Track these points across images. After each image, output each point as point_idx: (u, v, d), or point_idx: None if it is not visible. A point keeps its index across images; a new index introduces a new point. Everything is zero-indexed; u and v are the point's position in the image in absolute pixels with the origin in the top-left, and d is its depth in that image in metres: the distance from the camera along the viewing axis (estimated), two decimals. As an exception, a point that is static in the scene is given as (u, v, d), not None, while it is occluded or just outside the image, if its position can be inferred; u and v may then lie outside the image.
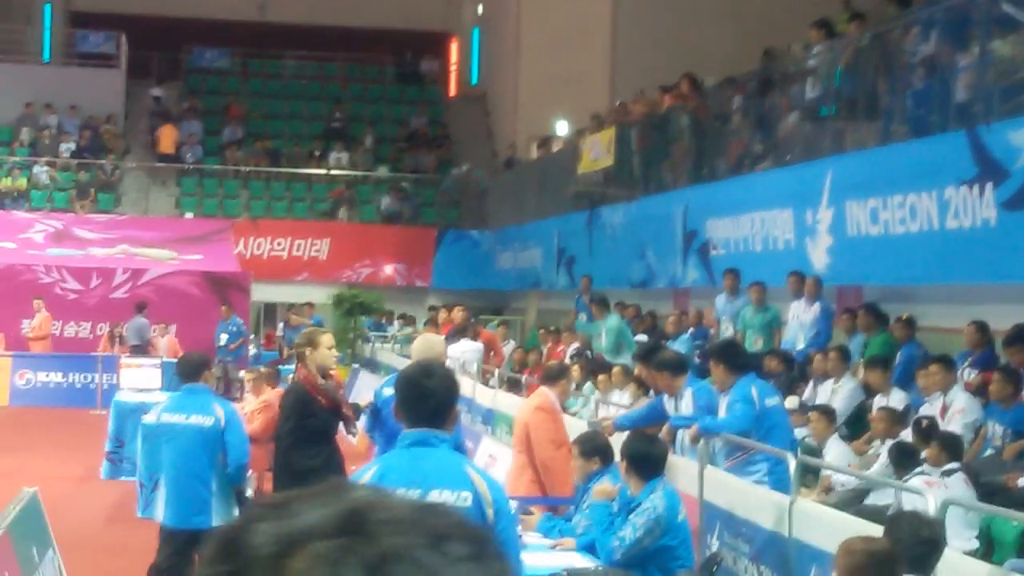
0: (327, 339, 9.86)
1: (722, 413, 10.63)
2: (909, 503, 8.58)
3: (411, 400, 5.39)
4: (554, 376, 10.59)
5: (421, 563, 1.17)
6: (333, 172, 37.53)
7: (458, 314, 23.08)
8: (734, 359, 10.90)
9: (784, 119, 19.20)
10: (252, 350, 30.07)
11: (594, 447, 9.11)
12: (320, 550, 1.17)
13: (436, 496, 5.08)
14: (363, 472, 5.45)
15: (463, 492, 5.15)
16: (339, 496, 1.23)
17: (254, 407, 15.77)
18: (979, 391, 12.16)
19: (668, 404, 11.36)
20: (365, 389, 23.46)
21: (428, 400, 5.35)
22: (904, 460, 10.34)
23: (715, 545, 9.89)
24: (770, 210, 18.05)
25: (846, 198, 15.89)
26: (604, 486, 8.49)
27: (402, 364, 17.26)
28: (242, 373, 19.12)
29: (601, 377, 16.91)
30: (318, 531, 1.19)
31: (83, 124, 37.91)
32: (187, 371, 10.32)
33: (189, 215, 35.69)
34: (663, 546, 8.10)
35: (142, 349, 26.68)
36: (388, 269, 35.18)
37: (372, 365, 26.40)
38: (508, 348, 24.01)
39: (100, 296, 29.97)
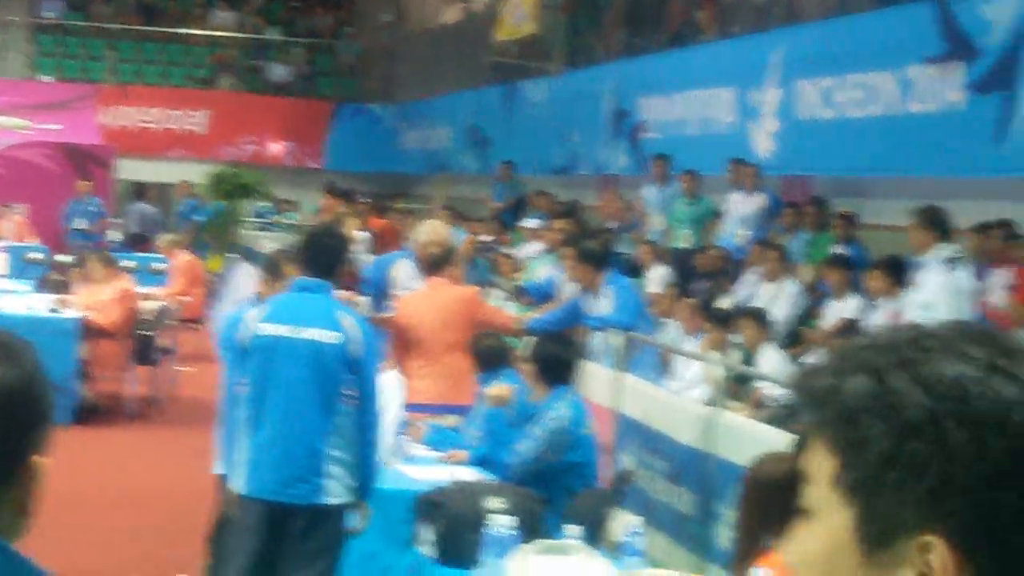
0: (351, 223, 11.80)
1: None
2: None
3: (308, 253, 7.49)
4: (437, 264, 10.46)
5: None
6: (215, 34, 36.98)
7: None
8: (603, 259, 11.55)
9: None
10: (115, 235, 29.69)
11: (479, 350, 9.16)
12: None
13: (309, 333, 7.12)
14: (258, 307, 7.50)
15: (332, 331, 7.12)
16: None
17: (110, 297, 15.58)
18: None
19: (587, 303, 11.36)
20: (245, 281, 23.25)
21: (322, 255, 7.42)
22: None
23: (629, 462, 9.90)
24: (710, 89, 17.98)
25: (796, 76, 15.84)
26: (498, 389, 8.44)
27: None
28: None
29: (516, 274, 16.87)
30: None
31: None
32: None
33: (47, 78, 35.06)
34: (566, 462, 8.06)
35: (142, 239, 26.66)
36: (275, 147, 34.83)
37: (252, 255, 26.12)
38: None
39: (-59, 168, 29.44)
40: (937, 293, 9.80)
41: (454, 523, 6.90)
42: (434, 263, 10.50)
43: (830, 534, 1.45)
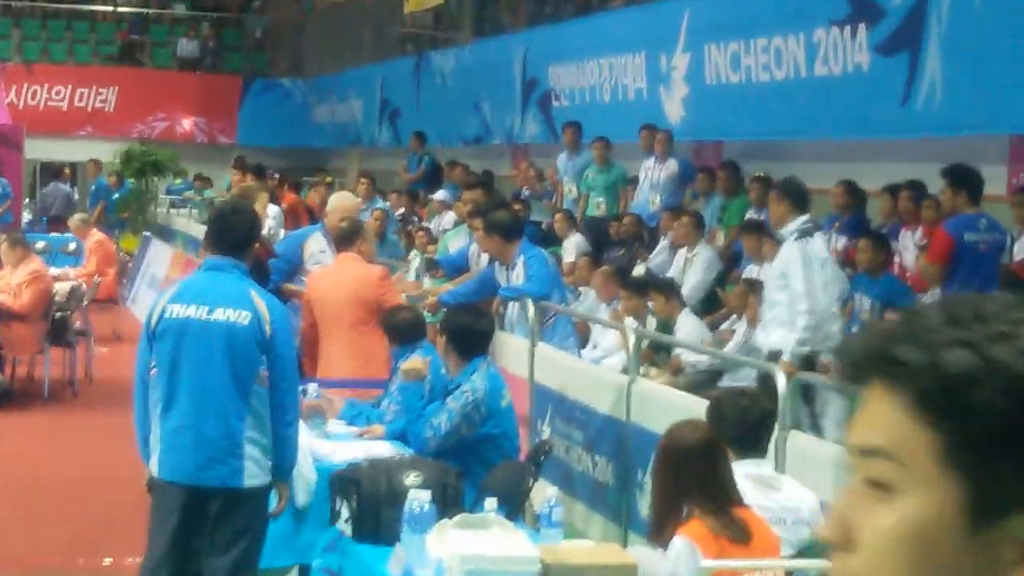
0: (262, 197, 11.93)
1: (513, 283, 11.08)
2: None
3: (217, 231, 7.24)
4: (347, 238, 10.43)
5: None
6: (122, 9, 36.60)
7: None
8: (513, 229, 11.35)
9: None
10: (26, 215, 29.38)
11: (395, 324, 9.14)
12: None
13: (220, 313, 6.90)
14: (168, 289, 7.46)
15: (243, 311, 6.90)
16: None
17: (21, 279, 15.37)
18: (846, 261, 12.24)
19: (500, 274, 11.31)
20: (157, 259, 23.09)
21: (231, 232, 7.15)
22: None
23: (547, 432, 9.89)
24: (620, 55, 17.96)
25: (705, 41, 15.86)
26: (413, 362, 8.38)
27: (201, 231, 17.02)
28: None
29: (431, 247, 16.76)
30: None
31: None
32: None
33: (-49, 58, 34.61)
34: (484, 434, 8.03)
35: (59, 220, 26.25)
36: (186, 123, 34.55)
37: (166, 233, 25.95)
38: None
39: None
40: (789, 264, 9.84)
41: (370, 500, 6.84)
42: (343, 237, 10.46)
43: (927, 511, 1.38)
